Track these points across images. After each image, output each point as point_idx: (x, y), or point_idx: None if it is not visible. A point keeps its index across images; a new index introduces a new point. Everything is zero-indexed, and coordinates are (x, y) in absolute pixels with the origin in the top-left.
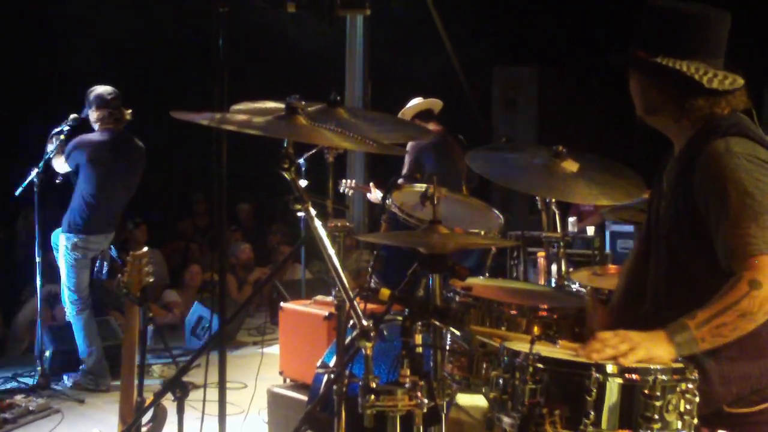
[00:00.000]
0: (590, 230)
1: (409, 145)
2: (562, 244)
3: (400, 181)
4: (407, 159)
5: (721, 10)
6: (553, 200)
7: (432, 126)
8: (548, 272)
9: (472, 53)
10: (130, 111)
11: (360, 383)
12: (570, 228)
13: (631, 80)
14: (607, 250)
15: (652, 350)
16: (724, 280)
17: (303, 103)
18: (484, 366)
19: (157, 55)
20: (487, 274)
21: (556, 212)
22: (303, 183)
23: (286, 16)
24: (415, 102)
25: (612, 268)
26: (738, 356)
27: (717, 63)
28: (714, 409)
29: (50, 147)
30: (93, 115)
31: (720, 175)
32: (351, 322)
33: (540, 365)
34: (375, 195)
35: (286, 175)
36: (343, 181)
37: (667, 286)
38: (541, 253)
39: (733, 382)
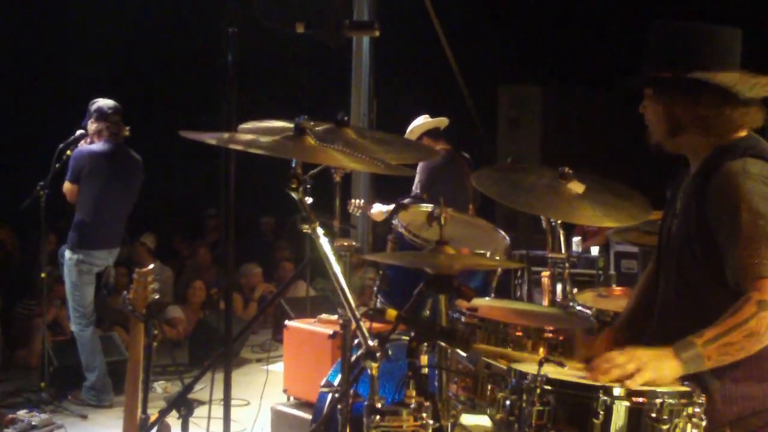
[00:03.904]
0: (595, 250)
1: (420, 164)
2: (566, 264)
3: (407, 201)
4: (417, 179)
5: (731, 27)
6: (558, 220)
7: (441, 145)
8: (553, 292)
9: (477, 72)
10: (128, 128)
11: (365, 403)
12: (575, 248)
13: (651, 103)
14: (612, 270)
15: (659, 370)
16: (732, 299)
17: (311, 123)
18: (489, 387)
19: (167, 73)
20: (492, 295)
21: (561, 232)
22: (309, 200)
23: (295, 36)
24: (422, 121)
25: (617, 289)
26: (742, 377)
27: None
28: (715, 428)
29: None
30: (91, 126)
31: (734, 195)
32: (356, 341)
33: (547, 387)
34: (376, 210)
35: (293, 195)
36: (352, 201)
37: (675, 304)
38: (545, 273)
39: (735, 402)
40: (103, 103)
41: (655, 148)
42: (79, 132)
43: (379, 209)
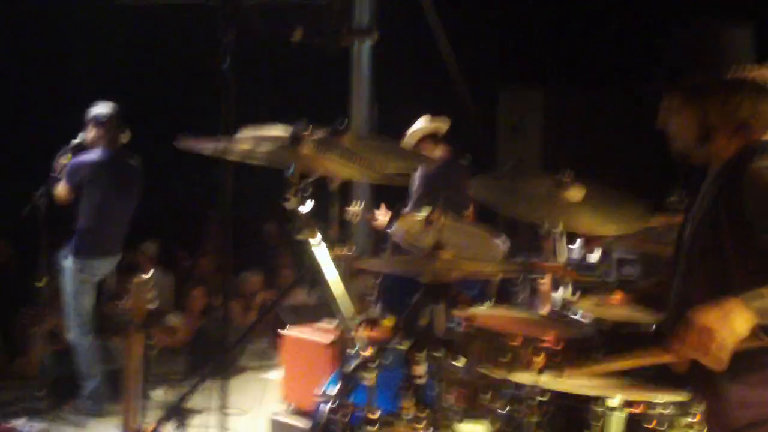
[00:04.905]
0: (594, 257)
1: (418, 171)
2: (565, 272)
3: (407, 209)
4: (416, 185)
5: (743, 23)
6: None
7: (441, 149)
8: (551, 300)
9: (478, 76)
10: (127, 133)
11: (362, 413)
12: (574, 254)
13: (678, 111)
14: (612, 277)
15: (734, 330)
16: None
17: (308, 131)
18: (487, 397)
19: (164, 80)
20: (491, 303)
21: (560, 239)
22: (307, 207)
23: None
24: (422, 124)
25: (616, 296)
26: (758, 382)
27: None
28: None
29: (58, 165)
30: (89, 133)
31: None
32: (354, 349)
33: (544, 397)
34: (383, 220)
35: (288, 205)
36: (349, 209)
37: (702, 299)
38: (544, 280)
39: (750, 407)
40: (101, 109)
41: (680, 157)
42: (77, 139)
43: (384, 218)
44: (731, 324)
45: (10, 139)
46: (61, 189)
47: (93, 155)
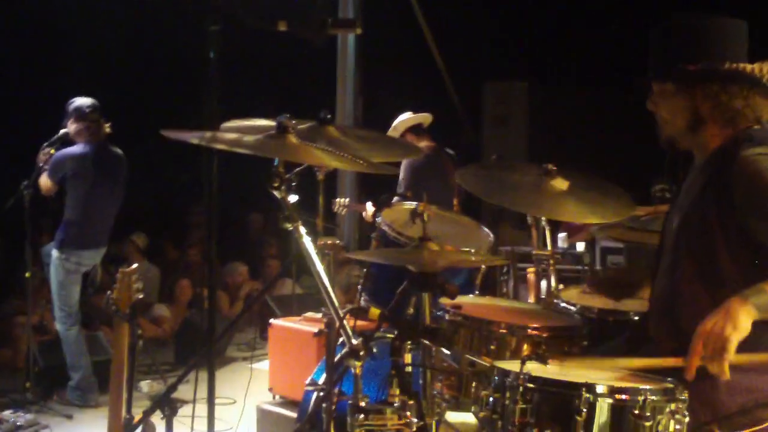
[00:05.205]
0: (580, 246)
1: (404, 162)
2: (551, 261)
3: (395, 200)
4: (402, 176)
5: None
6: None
7: (425, 141)
8: (538, 289)
9: (463, 68)
10: (109, 124)
11: (349, 402)
12: (560, 244)
13: (668, 99)
14: (598, 266)
15: (739, 328)
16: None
17: (293, 121)
18: (474, 385)
19: (148, 71)
20: (477, 292)
21: (546, 228)
22: (293, 198)
23: (279, 32)
24: (406, 117)
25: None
26: (748, 368)
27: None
28: (716, 417)
29: (42, 157)
30: (71, 127)
31: (761, 176)
32: (341, 339)
33: (530, 385)
34: (370, 209)
35: (276, 194)
36: (337, 200)
37: (690, 292)
38: (531, 270)
39: (739, 393)
40: (81, 102)
41: (668, 145)
42: (62, 131)
43: (372, 208)
44: (734, 322)
45: None
46: (46, 182)
47: (77, 148)
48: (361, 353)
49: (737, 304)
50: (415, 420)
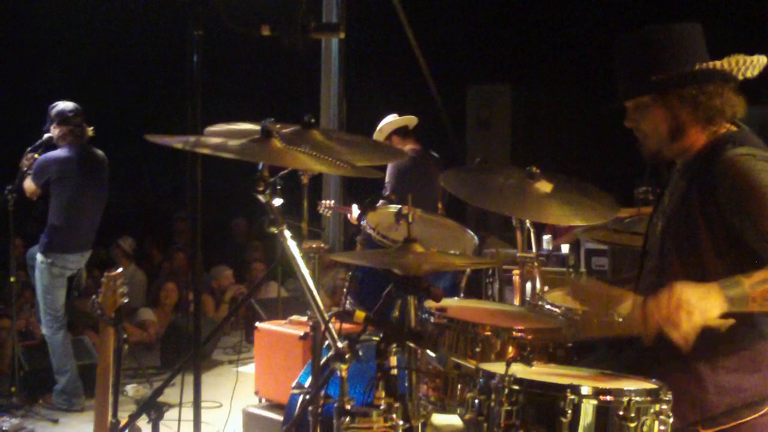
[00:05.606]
0: (565, 248)
1: (389, 166)
2: (536, 263)
3: (380, 203)
4: (387, 180)
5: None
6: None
7: (410, 144)
8: (523, 291)
9: (447, 72)
10: (92, 128)
11: (335, 405)
12: (545, 246)
13: (646, 112)
14: (582, 268)
15: (706, 311)
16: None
17: (278, 125)
18: (459, 387)
19: (131, 77)
20: (462, 295)
21: (531, 231)
22: (278, 202)
23: (262, 37)
24: (391, 119)
25: None
26: (736, 368)
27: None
28: (704, 417)
29: (25, 164)
30: (54, 131)
31: (746, 176)
32: (326, 342)
33: (515, 387)
34: (356, 212)
35: (261, 198)
36: (322, 202)
37: None
38: (517, 272)
39: (727, 393)
40: (63, 106)
41: (652, 158)
42: (46, 136)
43: (357, 210)
44: (705, 305)
45: None
46: (30, 186)
47: (60, 152)
48: (347, 356)
49: (715, 292)
50: (401, 422)
